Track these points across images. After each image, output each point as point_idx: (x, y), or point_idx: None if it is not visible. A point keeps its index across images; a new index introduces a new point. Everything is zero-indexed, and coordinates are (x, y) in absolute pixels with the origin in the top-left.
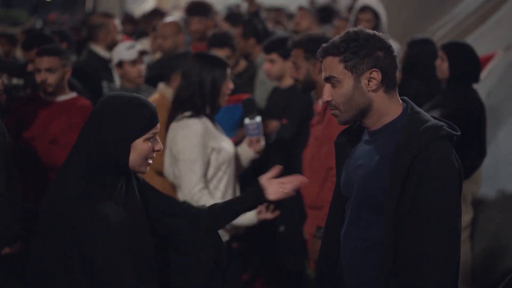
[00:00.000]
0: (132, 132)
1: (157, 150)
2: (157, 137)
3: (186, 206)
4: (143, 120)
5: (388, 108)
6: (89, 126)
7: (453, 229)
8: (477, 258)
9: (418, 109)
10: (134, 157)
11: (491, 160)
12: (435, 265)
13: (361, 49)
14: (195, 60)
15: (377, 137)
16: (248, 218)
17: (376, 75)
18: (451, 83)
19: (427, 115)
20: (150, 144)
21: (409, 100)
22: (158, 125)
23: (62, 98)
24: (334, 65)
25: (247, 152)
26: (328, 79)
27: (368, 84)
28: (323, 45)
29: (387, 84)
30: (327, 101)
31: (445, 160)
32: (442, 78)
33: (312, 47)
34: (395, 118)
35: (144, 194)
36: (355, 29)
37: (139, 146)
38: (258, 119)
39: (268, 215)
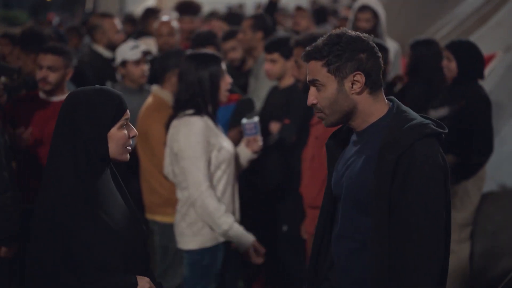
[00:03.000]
0: (105, 122)
1: (133, 136)
2: (130, 123)
3: None
4: (113, 108)
5: (373, 108)
6: (62, 125)
7: (439, 228)
8: (476, 257)
9: (404, 108)
10: (113, 147)
11: (492, 160)
12: (418, 266)
13: (344, 52)
14: (189, 61)
15: (363, 137)
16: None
17: (360, 78)
18: (458, 81)
19: (413, 114)
20: (125, 131)
21: (396, 99)
22: (128, 112)
23: (59, 98)
24: (317, 69)
25: (245, 152)
26: (312, 83)
27: (352, 87)
28: (307, 48)
29: (371, 86)
30: (313, 104)
31: (429, 158)
32: (450, 77)
33: None
34: (381, 117)
35: None
36: (338, 31)
37: (115, 135)
38: (256, 119)
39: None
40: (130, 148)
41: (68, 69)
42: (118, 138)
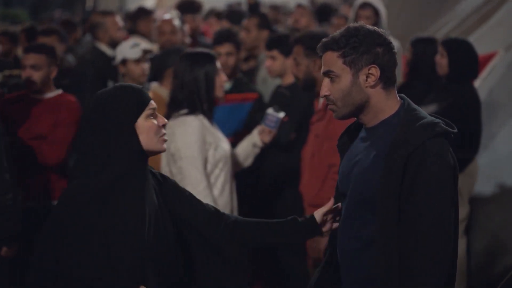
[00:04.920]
0: (130, 114)
1: (164, 125)
2: (158, 113)
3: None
4: (135, 100)
5: (385, 104)
6: (88, 127)
7: (445, 228)
8: (476, 256)
9: (415, 106)
10: (144, 138)
11: (491, 159)
12: (425, 267)
13: (361, 45)
14: (183, 60)
15: (373, 133)
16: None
17: (375, 71)
18: (450, 79)
19: (423, 112)
20: (154, 121)
21: (406, 97)
22: (153, 102)
23: (48, 95)
24: (333, 60)
25: (254, 137)
26: (326, 74)
27: (366, 80)
28: (323, 39)
29: (385, 80)
30: (325, 96)
31: (440, 157)
32: (442, 74)
33: (312, 44)
34: (391, 115)
35: (165, 190)
36: (356, 24)
37: (143, 125)
38: (281, 114)
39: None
40: (165, 137)
41: (52, 67)
42: (147, 128)
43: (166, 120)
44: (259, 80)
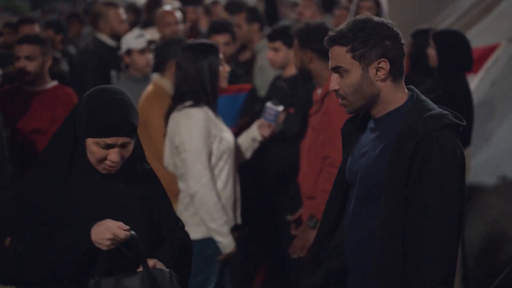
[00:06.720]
0: (85, 128)
1: (112, 161)
2: (116, 150)
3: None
4: (99, 123)
5: (394, 96)
6: (71, 112)
7: (446, 225)
8: (477, 245)
9: (424, 98)
10: (89, 155)
11: (494, 150)
12: (428, 261)
13: (370, 39)
14: (187, 51)
15: (381, 124)
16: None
17: (385, 64)
18: (440, 71)
19: (432, 104)
20: (101, 150)
21: (415, 88)
22: (118, 139)
23: (43, 87)
24: (341, 55)
25: (252, 133)
26: (335, 69)
27: (377, 74)
28: (330, 33)
29: (394, 73)
30: (335, 90)
31: (445, 150)
32: (433, 66)
33: (304, 36)
34: (400, 105)
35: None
36: (362, 17)
37: (89, 146)
38: (280, 108)
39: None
40: (110, 167)
41: (46, 57)
42: (90, 150)
43: (118, 159)
44: (256, 69)
